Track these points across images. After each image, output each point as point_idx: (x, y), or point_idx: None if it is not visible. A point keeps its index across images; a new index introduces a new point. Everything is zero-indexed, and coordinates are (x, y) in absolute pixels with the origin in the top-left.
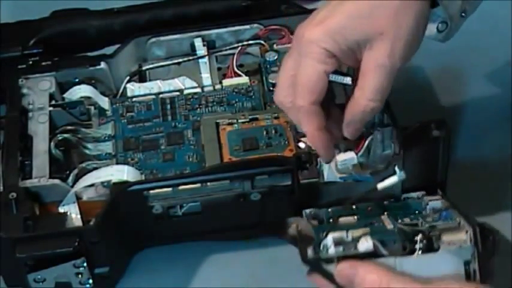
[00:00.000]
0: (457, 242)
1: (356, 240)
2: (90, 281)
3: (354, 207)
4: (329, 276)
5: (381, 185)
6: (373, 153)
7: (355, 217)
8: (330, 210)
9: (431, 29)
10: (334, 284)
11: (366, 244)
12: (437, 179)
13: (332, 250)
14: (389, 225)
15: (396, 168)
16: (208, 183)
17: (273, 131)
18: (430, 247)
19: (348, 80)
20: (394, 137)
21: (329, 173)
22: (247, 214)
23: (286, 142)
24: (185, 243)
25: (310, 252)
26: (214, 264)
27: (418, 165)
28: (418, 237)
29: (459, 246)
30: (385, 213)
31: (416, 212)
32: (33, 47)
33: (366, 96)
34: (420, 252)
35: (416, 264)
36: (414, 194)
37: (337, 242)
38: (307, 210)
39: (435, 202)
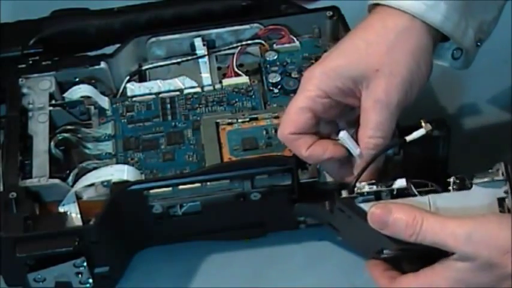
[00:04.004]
0: (489, 179)
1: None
2: (90, 280)
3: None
4: (362, 215)
5: (409, 137)
6: None
7: None
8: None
9: (446, 57)
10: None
11: (399, 181)
12: (437, 178)
13: (366, 188)
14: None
15: (422, 122)
16: (208, 183)
17: (273, 131)
18: (463, 186)
19: (357, 151)
20: (394, 137)
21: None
22: (247, 214)
23: None
24: (185, 243)
25: (344, 193)
26: (214, 264)
27: (418, 165)
28: (452, 179)
29: (492, 180)
30: None
31: None
32: (33, 46)
33: (366, 134)
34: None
35: (450, 200)
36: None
37: (371, 183)
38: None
39: None
